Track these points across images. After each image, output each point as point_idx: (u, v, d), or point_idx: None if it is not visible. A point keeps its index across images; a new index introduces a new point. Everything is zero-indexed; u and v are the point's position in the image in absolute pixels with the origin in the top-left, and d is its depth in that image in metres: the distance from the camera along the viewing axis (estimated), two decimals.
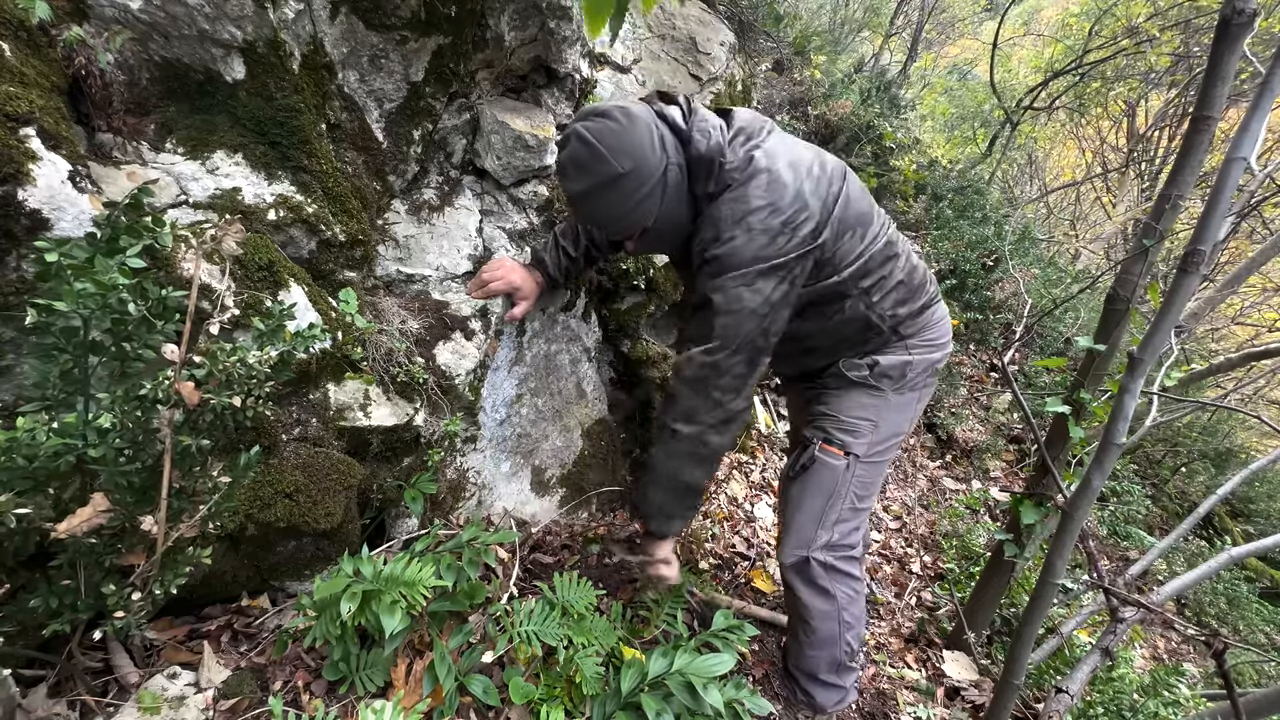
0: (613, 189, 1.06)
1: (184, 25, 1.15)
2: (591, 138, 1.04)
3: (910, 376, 1.45)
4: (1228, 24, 1.12)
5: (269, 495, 1.26)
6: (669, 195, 1.11)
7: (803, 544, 1.43)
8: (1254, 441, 5.23)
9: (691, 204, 1.19)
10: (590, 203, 1.10)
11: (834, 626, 1.47)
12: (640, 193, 1.07)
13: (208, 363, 0.97)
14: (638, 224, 1.13)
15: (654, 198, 1.09)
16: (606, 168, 1.04)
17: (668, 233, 1.19)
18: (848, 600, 1.47)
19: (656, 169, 1.07)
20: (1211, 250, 1.08)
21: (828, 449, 1.44)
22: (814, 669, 1.53)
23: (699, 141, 1.14)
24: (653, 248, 1.34)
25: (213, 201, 1.23)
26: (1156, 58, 5.37)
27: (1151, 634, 2.94)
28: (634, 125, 1.06)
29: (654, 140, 1.08)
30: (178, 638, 1.27)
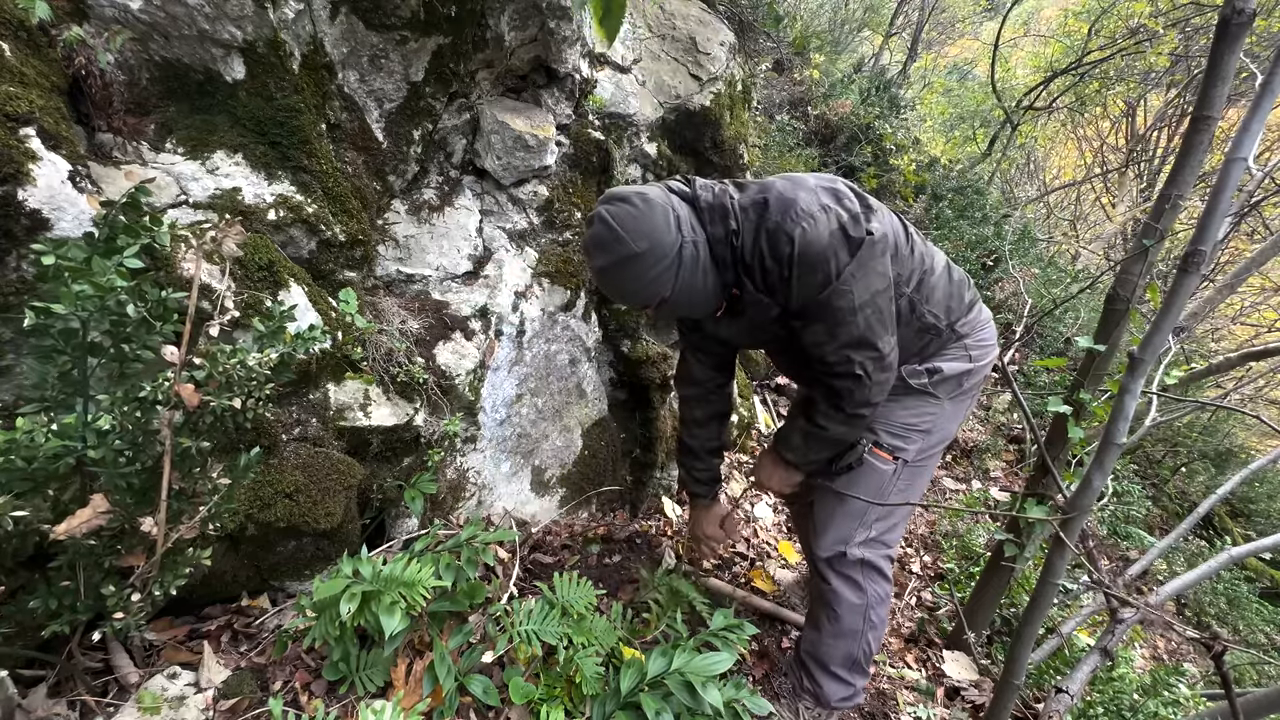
0: (630, 266, 1.15)
1: (184, 25, 1.15)
2: (612, 221, 1.14)
3: (967, 385, 1.46)
4: (1227, 24, 1.12)
5: (269, 495, 1.26)
6: (684, 269, 1.19)
7: (842, 540, 1.46)
8: (1254, 441, 5.23)
9: (717, 272, 1.26)
10: (610, 277, 1.20)
11: (858, 621, 1.49)
12: (656, 269, 1.16)
13: (208, 364, 0.97)
14: (654, 296, 1.21)
15: (669, 273, 1.18)
16: (624, 248, 1.13)
17: (688, 301, 1.26)
18: (877, 600, 1.49)
19: (671, 248, 1.16)
20: (1211, 250, 1.08)
21: (877, 452, 1.44)
22: (828, 659, 1.53)
23: (704, 195, 1.24)
24: (675, 314, 1.40)
25: (213, 201, 1.23)
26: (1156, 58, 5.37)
27: (1152, 634, 2.94)
28: (650, 209, 1.15)
29: (669, 222, 1.16)
30: (178, 638, 1.27)
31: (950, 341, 1.43)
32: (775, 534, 2.48)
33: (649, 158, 2.02)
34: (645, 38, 2.16)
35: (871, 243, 1.19)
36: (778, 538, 2.44)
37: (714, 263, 1.24)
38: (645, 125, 1.98)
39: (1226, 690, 1.18)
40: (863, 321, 1.21)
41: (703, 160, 2.15)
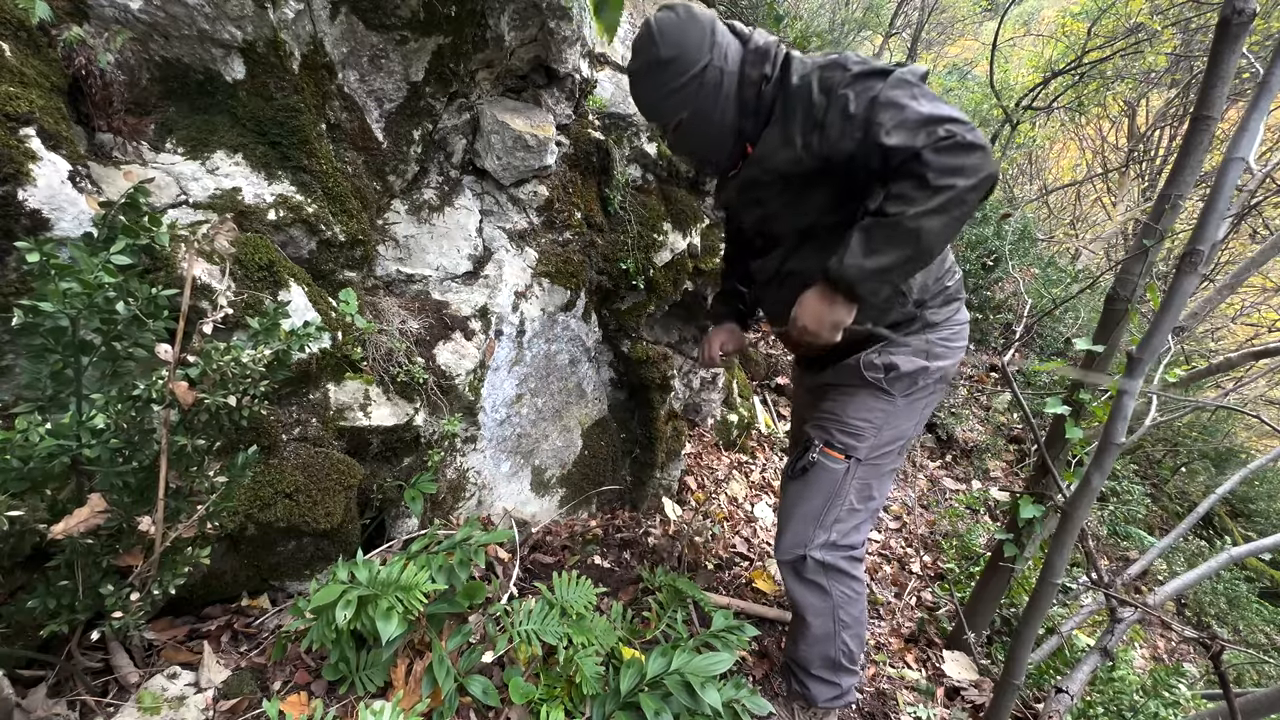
0: (655, 72, 1.16)
1: (184, 25, 1.15)
2: (654, 24, 1.16)
3: (923, 383, 1.42)
4: (1228, 24, 1.12)
5: (269, 495, 1.26)
6: (705, 91, 1.18)
7: (800, 543, 1.44)
8: (1254, 441, 5.23)
9: (738, 113, 1.23)
10: (637, 82, 1.22)
11: (828, 624, 1.47)
12: (677, 81, 1.16)
13: (202, 362, 0.97)
14: (672, 110, 1.21)
15: (689, 89, 1.17)
16: (654, 52, 1.15)
17: (703, 131, 1.24)
18: (845, 600, 1.47)
19: (695, 64, 1.15)
20: (1211, 250, 1.08)
21: (829, 452, 1.43)
22: (808, 663, 1.54)
23: (757, 38, 1.23)
24: (691, 147, 1.32)
25: (213, 201, 1.23)
26: (1155, 57, 5.37)
27: (1151, 634, 2.94)
28: (690, 23, 1.16)
29: (704, 40, 1.16)
30: (178, 638, 1.27)
31: (912, 328, 1.37)
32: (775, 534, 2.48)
33: (649, 158, 2.02)
34: None
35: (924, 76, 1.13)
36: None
37: (738, 103, 1.22)
38: (645, 125, 1.98)
39: (1225, 690, 1.18)
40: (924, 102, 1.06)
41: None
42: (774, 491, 2.77)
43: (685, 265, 2.20)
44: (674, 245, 2.11)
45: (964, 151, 1.03)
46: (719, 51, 1.19)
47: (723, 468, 2.73)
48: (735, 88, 1.21)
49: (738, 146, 1.28)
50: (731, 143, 1.27)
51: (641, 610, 1.70)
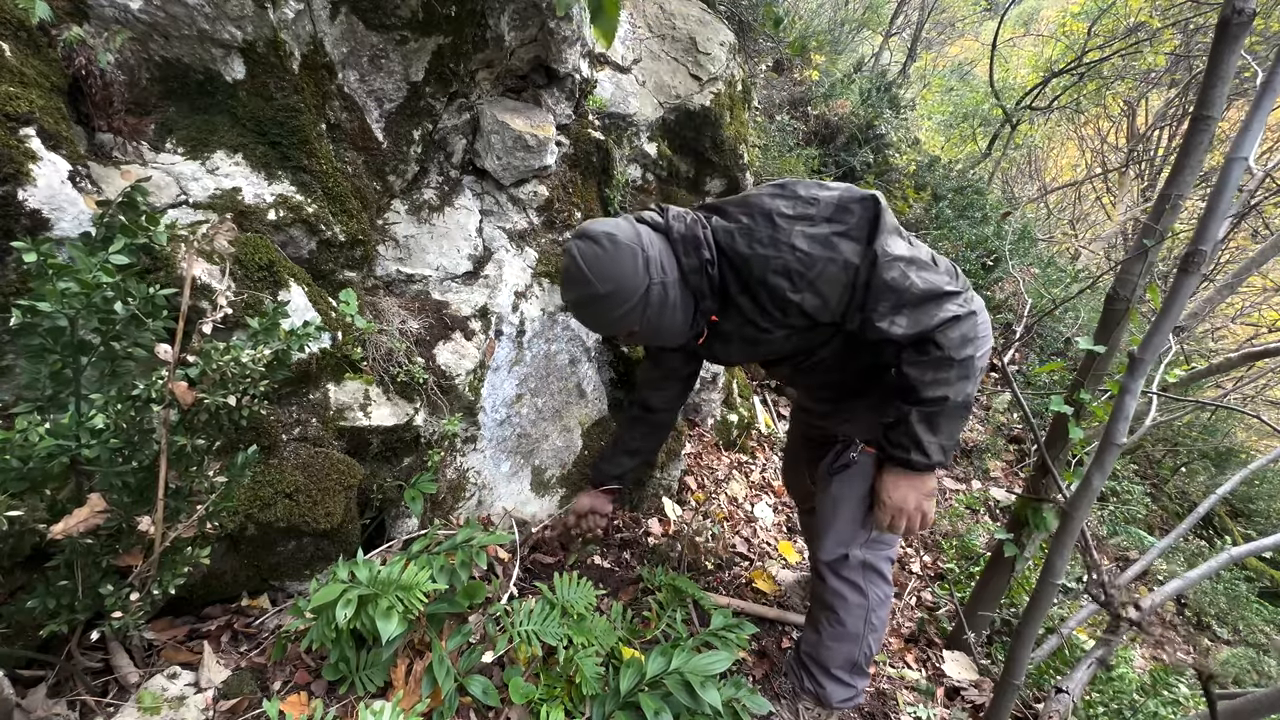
0: (596, 304, 1.18)
1: (184, 25, 1.15)
2: (580, 260, 1.16)
3: None
4: (1227, 24, 1.12)
5: (269, 495, 1.25)
6: (651, 309, 1.21)
7: (843, 542, 1.44)
8: (1254, 441, 5.23)
9: (694, 302, 1.26)
10: (579, 311, 1.25)
11: (860, 625, 1.48)
12: (621, 309, 1.18)
13: (201, 362, 0.97)
14: (622, 329, 1.23)
15: (635, 313, 1.19)
16: (591, 288, 1.16)
17: (657, 335, 1.28)
18: (878, 602, 1.48)
19: (636, 291, 1.17)
20: (1211, 250, 1.08)
21: (870, 451, 1.42)
22: (829, 662, 1.53)
23: (676, 225, 1.23)
24: (648, 343, 1.43)
25: (213, 201, 1.23)
26: (1155, 57, 5.37)
27: (1154, 632, 2.94)
28: (618, 252, 1.16)
29: (636, 265, 1.17)
30: (178, 638, 1.27)
31: None
32: (775, 534, 2.48)
33: (649, 157, 2.02)
34: (645, 38, 2.16)
35: (877, 206, 1.16)
36: (778, 538, 2.44)
37: (690, 293, 1.24)
38: (645, 125, 1.98)
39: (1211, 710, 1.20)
40: (915, 278, 1.14)
41: (702, 160, 2.15)
42: (774, 491, 2.77)
43: None
44: None
45: (967, 323, 1.17)
46: (655, 268, 1.19)
47: (722, 468, 2.73)
48: (680, 290, 1.23)
49: (699, 323, 1.30)
50: (689, 327, 1.29)
51: (641, 610, 1.70)
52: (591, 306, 1.18)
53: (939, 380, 1.18)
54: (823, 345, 1.33)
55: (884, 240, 1.14)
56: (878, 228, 1.15)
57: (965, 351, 1.18)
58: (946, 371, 1.18)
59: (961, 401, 1.21)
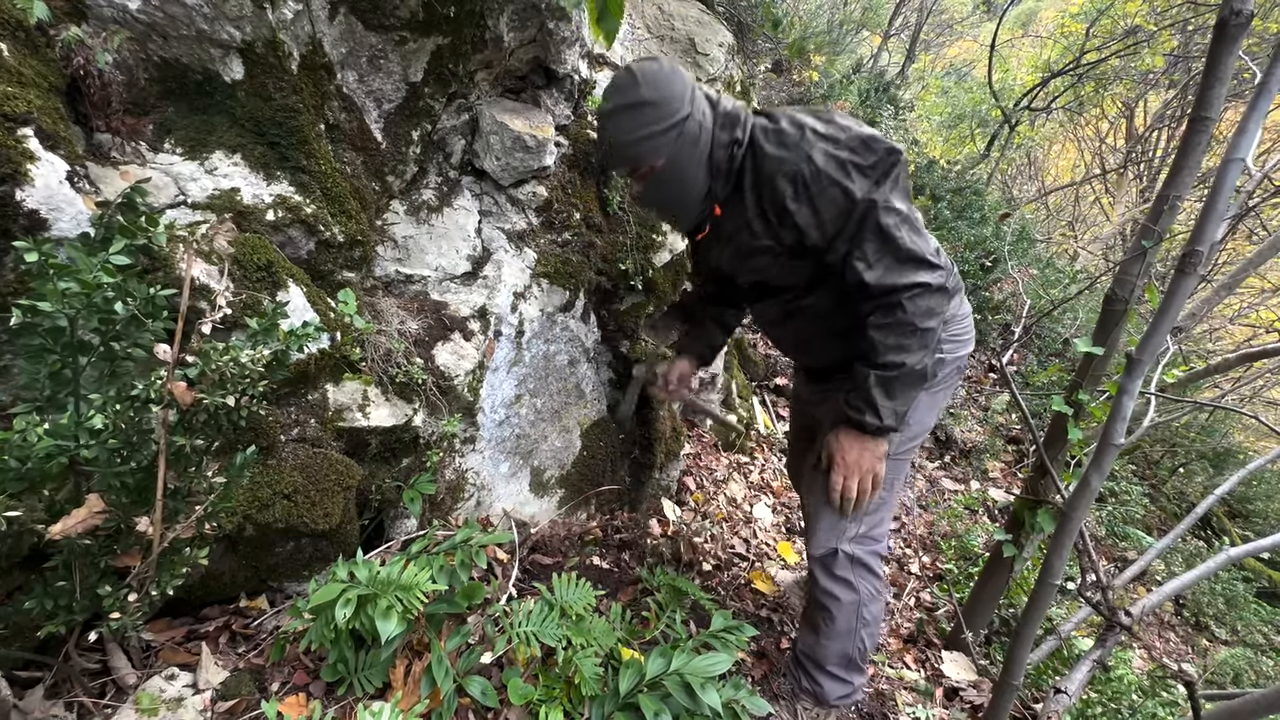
0: (636, 112, 1.18)
1: (182, 25, 1.15)
2: (635, 69, 1.19)
3: (941, 375, 1.44)
4: (1225, 25, 1.12)
5: (267, 496, 1.25)
6: (684, 142, 1.20)
7: (833, 536, 1.45)
8: (1251, 441, 5.24)
9: (709, 174, 1.25)
10: (613, 121, 1.22)
11: (852, 620, 1.48)
12: (657, 126, 1.18)
13: (200, 362, 0.96)
14: (647, 155, 1.21)
15: (668, 136, 1.19)
16: (636, 93, 1.17)
17: (676, 183, 1.25)
18: (869, 596, 1.48)
19: (677, 113, 1.18)
20: (1209, 251, 1.08)
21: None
22: (824, 659, 1.53)
23: (724, 102, 1.27)
24: (662, 198, 1.33)
25: (211, 202, 1.23)
26: (1153, 58, 5.38)
27: (1149, 634, 2.95)
28: (674, 73, 1.20)
29: (686, 92, 1.19)
30: (176, 639, 1.27)
31: None
32: (774, 535, 2.48)
33: None
34: (644, 38, 2.17)
35: (898, 158, 1.18)
36: (776, 538, 2.45)
37: (710, 167, 1.25)
38: None
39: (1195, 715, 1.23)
40: (906, 236, 1.17)
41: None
42: (773, 492, 2.77)
43: (684, 266, 2.20)
44: (673, 246, 2.11)
45: (937, 296, 1.20)
46: (699, 107, 1.21)
47: (721, 469, 2.73)
48: (709, 147, 1.24)
49: (706, 206, 1.30)
50: (701, 201, 1.29)
51: (640, 611, 1.70)
52: (631, 114, 1.18)
53: (899, 346, 1.21)
54: (808, 289, 1.35)
55: (891, 190, 1.18)
56: (891, 176, 1.18)
57: (929, 323, 1.20)
58: (908, 338, 1.21)
59: (918, 370, 1.23)
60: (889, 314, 1.21)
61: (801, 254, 1.27)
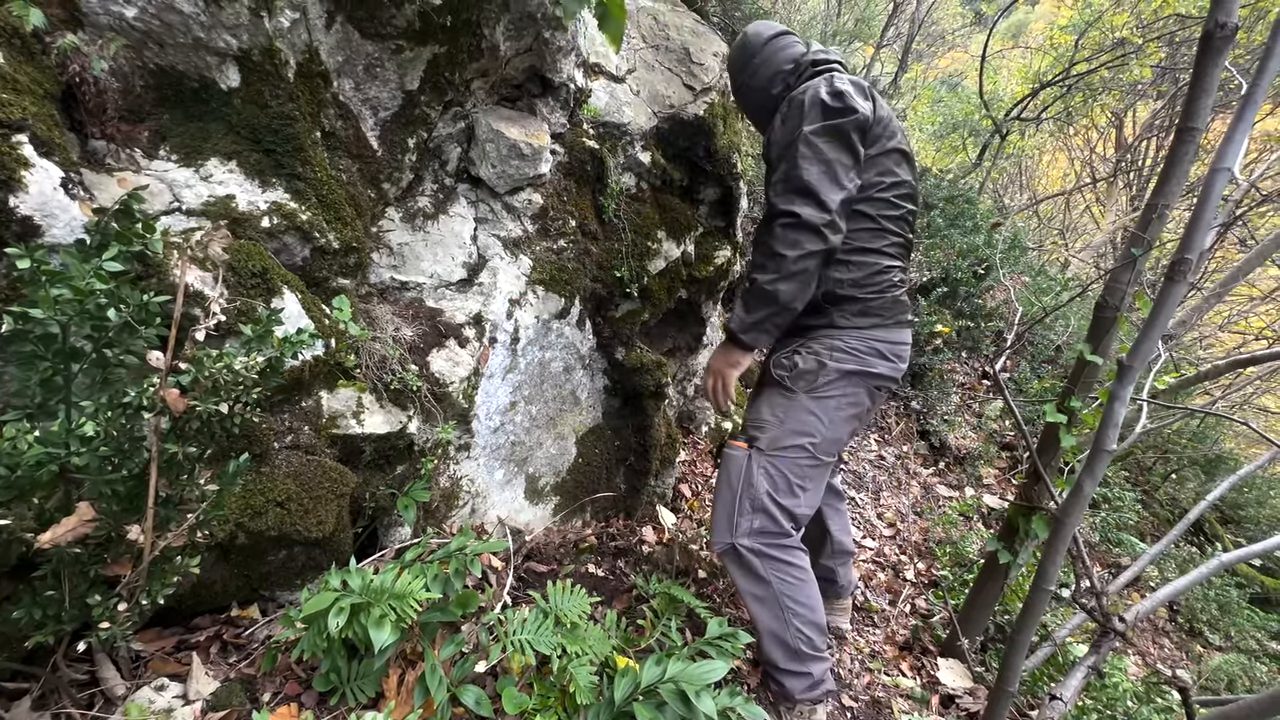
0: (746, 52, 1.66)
1: (179, 33, 1.15)
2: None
3: (824, 381, 1.50)
4: (1211, 38, 1.14)
5: (260, 504, 1.24)
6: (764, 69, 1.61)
7: (724, 531, 1.50)
8: (1243, 448, 5.28)
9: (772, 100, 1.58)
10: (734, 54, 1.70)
11: (777, 611, 1.49)
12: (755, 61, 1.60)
13: (193, 369, 0.96)
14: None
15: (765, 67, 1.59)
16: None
17: (754, 99, 1.65)
18: (786, 585, 1.49)
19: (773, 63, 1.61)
20: (1198, 259, 1.10)
21: (733, 443, 1.55)
22: (774, 659, 1.54)
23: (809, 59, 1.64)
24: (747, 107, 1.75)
25: (206, 209, 1.23)
26: (1141, 70, 5.46)
27: (1144, 640, 2.95)
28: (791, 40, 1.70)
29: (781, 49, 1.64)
30: (166, 649, 1.25)
31: (819, 330, 1.53)
32: None
33: (643, 166, 2.03)
34: (639, 48, 2.18)
35: (853, 115, 1.36)
36: None
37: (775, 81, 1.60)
38: (639, 134, 1.99)
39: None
40: (807, 169, 1.34)
41: (696, 169, 2.16)
42: None
43: (679, 273, 2.21)
44: (668, 253, 2.12)
45: (807, 232, 1.33)
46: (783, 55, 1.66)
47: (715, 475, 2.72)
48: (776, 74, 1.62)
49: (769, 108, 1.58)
50: (769, 96, 1.62)
51: (636, 619, 1.69)
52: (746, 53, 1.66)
53: (759, 264, 1.39)
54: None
55: (825, 134, 1.36)
56: (834, 125, 1.36)
57: (788, 251, 1.34)
58: (766, 259, 1.37)
59: (769, 291, 1.38)
60: (763, 232, 1.40)
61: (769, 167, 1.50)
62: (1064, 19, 6.23)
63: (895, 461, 3.55)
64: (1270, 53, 0.96)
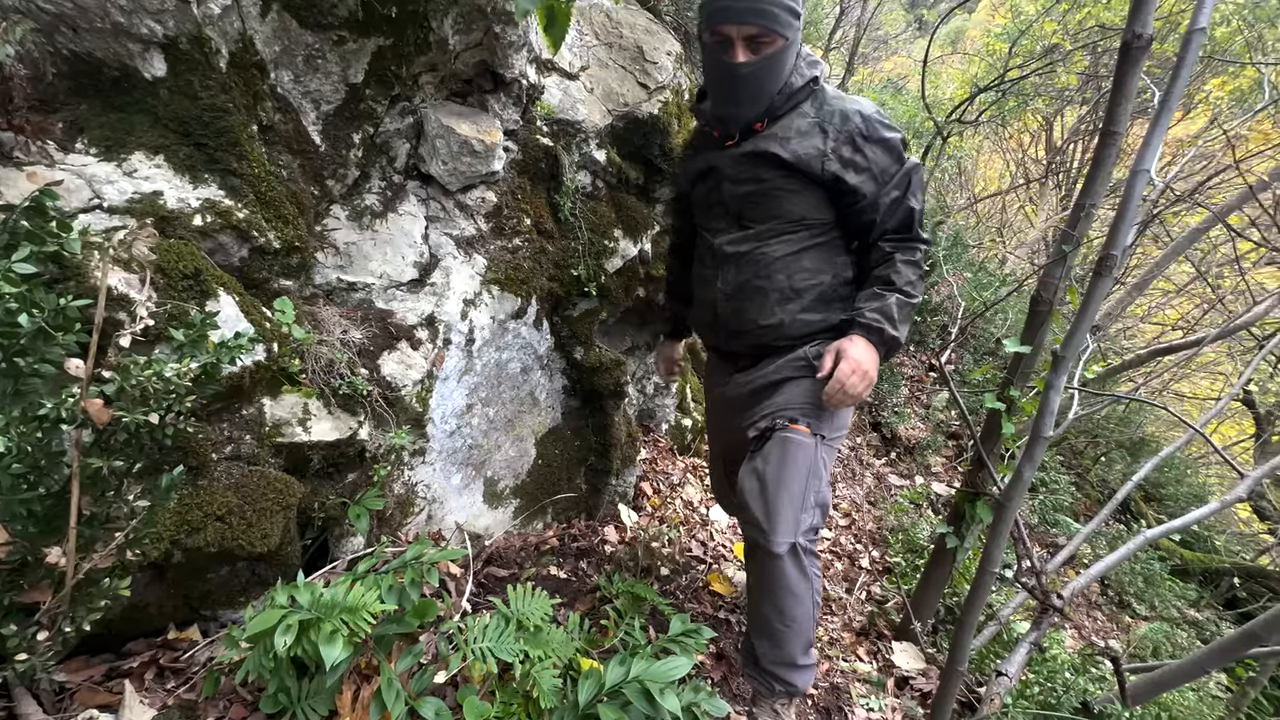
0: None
1: (95, 17, 1.07)
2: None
3: None
4: (1129, 48, 1.22)
5: (198, 519, 1.18)
6: (796, 40, 1.39)
7: (791, 530, 1.39)
8: (1162, 431, 5.67)
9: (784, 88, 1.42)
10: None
11: (810, 609, 1.46)
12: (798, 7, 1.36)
13: (119, 377, 0.90)
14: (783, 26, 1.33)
15: (797, 22, 1.36)
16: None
17: (773, 75, 1.39)
18: (817, 579, 1.47)
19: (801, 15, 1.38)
20: (1121, 255, 1.17)
21: (797, 429, 1.42)
22: (793, 654, 1.48)
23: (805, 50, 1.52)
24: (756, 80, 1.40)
25: (130, 206, 1.15)
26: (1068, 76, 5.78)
27: (1079, 615, 3.14)
28: None
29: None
30: (94, 678, 1.17)
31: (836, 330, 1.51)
32: (730, 536, 2.51)
33: (599, 164, 2.02)
34: (593, 45, 2.17)
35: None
36: (732, 540, 2.47)
37: (787, 79, 1.40)
38: (594, 132, 1.98)
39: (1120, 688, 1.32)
40: (919, 205, 1.44)
41: (652, 167, 2.17)
42: None
43: (637, 272, 2.21)
44: (625, 252, 2.11)
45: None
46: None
47: (677, 472, 2.74)
48: (793, 64, 1.41)
49: (759, 115, 1.42)
50: (763, 108, 1.41)
51: (599, 619, 1.68)
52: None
53: (916, 281, 1.48)
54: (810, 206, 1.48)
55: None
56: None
57: (924, 273, 1.51)
58: (922, 278, 1.49)
59: (916, 305, 1.50)
60: (913, 252, 1.44)
61: (814, 181, 1.41)
62: (998, 27, 6.54)
63: (850, 454, 3.66)
64: (1182, 63, 1.03)
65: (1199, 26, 1.01)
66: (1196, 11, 1.02)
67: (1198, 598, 3.62)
